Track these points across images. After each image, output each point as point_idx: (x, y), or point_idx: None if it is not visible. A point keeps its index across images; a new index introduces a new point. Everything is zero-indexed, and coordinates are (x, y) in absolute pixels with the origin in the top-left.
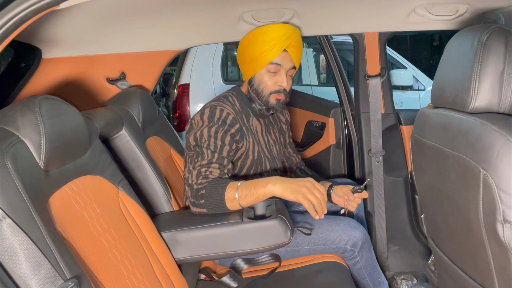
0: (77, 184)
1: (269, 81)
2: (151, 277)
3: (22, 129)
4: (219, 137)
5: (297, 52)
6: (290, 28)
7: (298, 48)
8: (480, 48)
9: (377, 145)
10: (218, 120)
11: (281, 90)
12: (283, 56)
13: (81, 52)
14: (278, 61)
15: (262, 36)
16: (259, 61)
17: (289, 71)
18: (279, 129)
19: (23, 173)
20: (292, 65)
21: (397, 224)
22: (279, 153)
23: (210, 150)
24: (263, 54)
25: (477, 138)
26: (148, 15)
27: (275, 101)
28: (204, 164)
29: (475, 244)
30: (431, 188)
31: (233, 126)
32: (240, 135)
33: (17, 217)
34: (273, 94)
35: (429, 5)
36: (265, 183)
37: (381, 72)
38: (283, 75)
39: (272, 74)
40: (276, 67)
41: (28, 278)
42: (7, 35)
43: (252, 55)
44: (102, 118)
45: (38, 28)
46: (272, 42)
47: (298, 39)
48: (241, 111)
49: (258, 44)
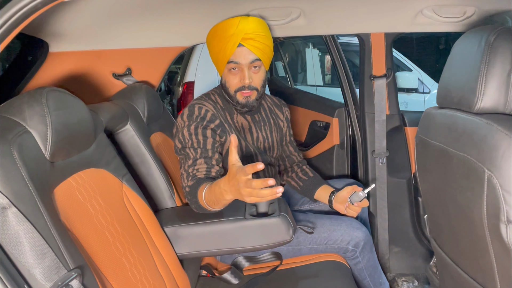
0: (82, 176)
1: (232, 80)
2: (153, 271)
3: (29, 120)
4: (200, 132)
5: (255, 43)
6: (238, 20)
7: (256, 38)
8: (487, 49)
9: (381, 146)
10: (196, 118)
11: (246, 87)
12: (239, 52)
13: (87, 47)
14: (235, 59)
15: (216, 35)
16: (220, 61)
17: (252, 64)
18: (274, 126)
19: (29, 163)
20: (254, 58)
21: (400, 225)
22: (272, 149)
23: (193, 147)
24: (220, 53)
25: (482, 138)
26: (155, 11)
27: (243, 99)
28: (190, 164)
29: (478, 244)
30: (435, 189)
31: (212, 122)
32: (221, 130)
33: (23, 206)
34: (239, 92)
35: (436, 6)
36: (221, 194)
37: (387, 73)
38: (244, 71)
39: (234, 71)
40: (235, 64)
41: (32, 267)
42: (16, 26)
43: (214, 56)
44: (108, 113)
45: (46, 22)
46: (223, 40)
47: (253, 29)
48: (223, 109)
49: (215, 44)
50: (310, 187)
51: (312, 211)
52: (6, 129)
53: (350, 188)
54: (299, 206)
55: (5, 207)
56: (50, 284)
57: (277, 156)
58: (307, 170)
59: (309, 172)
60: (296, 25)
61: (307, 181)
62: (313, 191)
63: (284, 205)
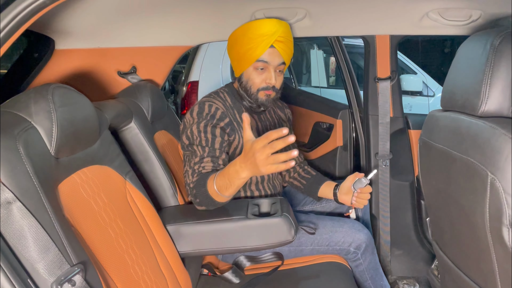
0: (86, 172)
1: (257, 79)
2: (155, 268)
3: (34, 115)
4: (209, 131)
5: (285, 48)
6: (276, 23)
7: (287, 43)
8: (492, 52)
9: (385, 148)
10: (206, 115)
11: (270, 87)
12: (270, 53)
13: (93, 45)
14: (265, 59)
15: (248, 33)
16: (246, 59)
17: (278, 67)
18: (277, 126)
19: (34, 158)
20: (281, 61)
21: (402, 228)
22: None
23: (201, 145)
24: (249, 51)
25: (486, 142)
26: (161, 10)
27: (264, 97)
28: (197, 161)
29: (480, 248)
30: (438, 191)
31: (222, 120)
32: (231, 129)
33: (27, 201)
34: (261, 91)
35: (442, 9)
36: (236, 173)
37: (391, 75)
38: (271, 72)
39: (260, 71)
40: (264, 64)
41: (35, 261)
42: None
43: (240, 53)
44: (113, 110)
45: (53, 19)
46: (258, 39)
47: (286, 34)
48: (232, 107)
49: (244, 42)
50: (314, 185)
51: (314, 212)
52: (12, 125)
53: (352, 176)
54: (301, 206)
55: (9, 201)
56: (53, 278)
57: None
58: (309, 169)
59: (311, 171)
60: (301, 26)
61: (310, 179)
62: (316, 188)
63: (286, 205)
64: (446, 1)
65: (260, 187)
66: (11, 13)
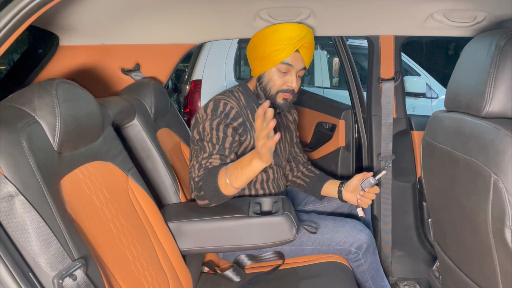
0: (88, 168)
1: (278, 81)
2: (156, 265)
3: (38, 110)
4: (221, 129)
5: (308, 53)
6: (304, 28)
7: (310, 49)
8: (497, 53)
9: (387, 149)
10: (221, 113)
11: (290, 90)
12: (295, 57)
13: (97, 42)
14: (290, 62)
15: (276, 35)
16: (271, 60)
17: (299, 71)
18: (286, 127)
19: (37, 152)
20: (303, 66)
21: (403, 229)
22: (284, 151)
23: (211, 142)
24: (275, 53)
25: (489, 143)
26: (165, 8)
27: (282, 100)
28: (205, 157)
29: (482, 249)
30: (440, 192)
31: (235, 120)
32: (243, 129)
33: (30, 195)
34: (280, 93)
35: (447, 11)
36: (250, 161)
37: (395, 76)
38: (293, 75)
39: (282, 74)
40: (287, 67)
41: (37, 255)
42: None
43: (264, 53)
44: (116, 107)
45: (57, 15)
46: (285, 42)
47: (311, 40)
48: (246, 107)
49: (271, 42)
50: (317, 183)
51: (316, 212)
52: (15, 119)
53: (360, 175)
54: (303, 206)
55: (12, 195)
56: (54, 272)
57: (286, 157)
58: (312, 168)
59: (315, 170)
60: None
61: (313, 177)
62: (320, 186)
63: (288, 204)
64: (451, 2)
65: (265, 186)
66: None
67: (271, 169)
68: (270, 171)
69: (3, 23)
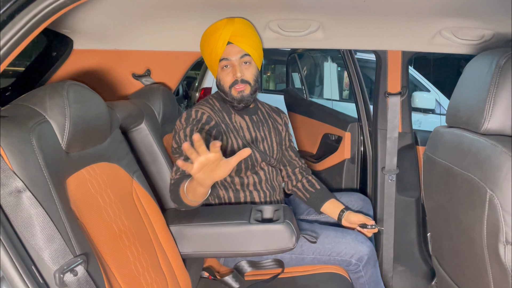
0: (95, 169)
1: (225, 77)
2: (156, 266)
3: (49, 110)
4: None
5: (243, 40)
6: (224, 22)
7: (243, 35)
8: (497, 72)
9: (392, 163)
10: (193, 120)
11: (239, 81)
12: (229, 49)
13: (110, 46)
14: (225, 56)
15: (206, 39)
16: (213, 62)
17: (242, 59)
18: (272, 128)
19: (46, 151)
20: (243, 53)
21: (405, 244)
22: (271, 150)
23: None
24: (212, 54)
25: (486, 159)
26: (178, 16)
27: (237, 94)
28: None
29: (477, 264)
30: (439, 206)
31: (208, 123)
32: (217, 131)
33: (36, 191)
34: (233, 88)
35: (455, 28)
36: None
37: (402, 91)
38: (235, 66)
39: (226, 69)
40: (226, 61)
41: (41, 249)
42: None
43: (207, 59)
44: (124, 110)
45: (72, 19)
46: (213, 41)
47: (239, 28)
48: (221, 110)
49: (205, 47)
50: (318, 200)
51: (318, 222)
52: (27, 118)
53: (363, 217)
54: (305, 215)
55: (20, 190)
56: (56, 267)
57: (278, 158)
58: (313, 181)
59: (315, 184)
60: (314, 37)
61: (314, 193)
62: (320, 204)
63: (289, 212)
64: (460, 20)
65: (258, 187)
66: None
67: (261, 170)
68: (261, 172)
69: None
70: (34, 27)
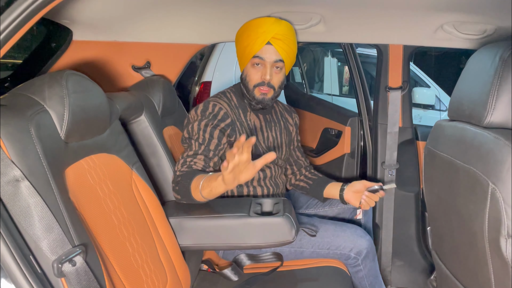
0: (94, 159)
1: (254, 75)
2: (155, 258)
3: (48, 99)
4: (208, 130)
5: (282, 45)
6: (272, 21)
7: (284, 40)
8: (501, 64)
9: (392, 158)
10: (209, 114)
11: (265, 83)
12: (266, 49)
13: (110, 38)
14: (261, 54)
15: (247, 31)
16: (245, 56)
17: (275, 63)
18: (284, 128)
19: (45, 140)
20: (278, 58)
21: (404, 239)
22: (280, 151)
23: (198, 142)
24: (247, 48)
25: (489, 152)
26: (178, 8)
27: (260, 95)
28: (190, 155)
29: (478, 258)
30: (440, 200)
31: (223, 121)
32: (231, 129)
33: (35, 180)
34: (257, 88)
35: (457, 23)
36: (219, 180)
37: (402, 86)
38: (267, 67)
39: (257, 67)
40: (260, 60)
41: (39, 239)
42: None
43: (240, 50)
44: (124, 102)
45: (72, 10)
46: (253, 36)
47: (283, 31)
48: (237, 107)
49: (243, 39)
50: (320, 185)
51: (317, 216)
52: (25, 107)
53: (367, 182)
54: (304, 209)
55: (18, 179)
56: (54, 257)
57: (285, 158)
58: (315, 172)
59: (317, 174)
60: (315, 31)
61: (316, 180)
62: (322, 187)
63: (288, 206)
64: (462, 14)
65: (262, 183)
66: None
67: (267, 168)
68: (267, 170)
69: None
70: (34, 13)
